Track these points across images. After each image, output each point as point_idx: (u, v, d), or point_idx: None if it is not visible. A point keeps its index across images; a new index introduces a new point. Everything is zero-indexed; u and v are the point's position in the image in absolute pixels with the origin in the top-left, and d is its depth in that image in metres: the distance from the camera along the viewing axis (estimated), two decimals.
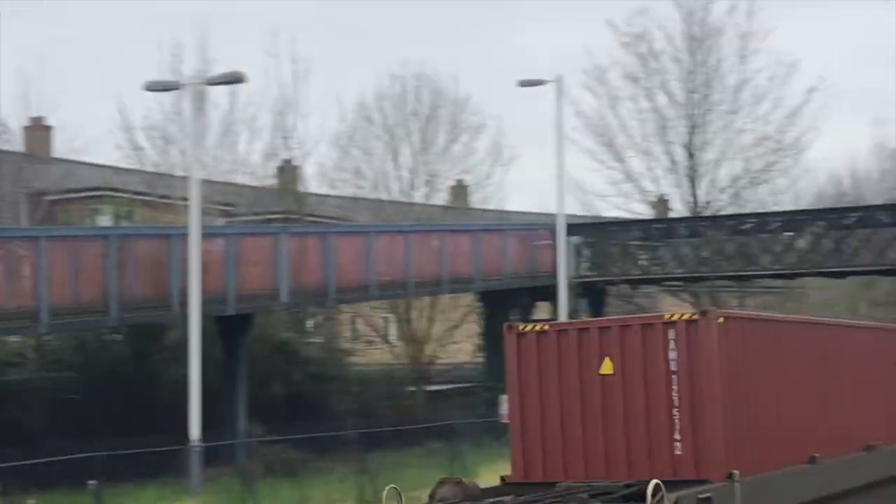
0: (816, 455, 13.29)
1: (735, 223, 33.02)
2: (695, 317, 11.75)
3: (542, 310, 35.00)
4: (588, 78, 37.66)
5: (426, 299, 35.18)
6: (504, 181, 48.34)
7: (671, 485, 10.61)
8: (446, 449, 25.73)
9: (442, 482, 11.62)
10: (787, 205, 38.40)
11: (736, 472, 11.50)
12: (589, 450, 11.93)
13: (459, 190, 40.06)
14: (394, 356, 37.41)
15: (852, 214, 31.84)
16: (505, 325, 12.91)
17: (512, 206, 42.83)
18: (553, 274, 32.32)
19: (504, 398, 23.79)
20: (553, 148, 29.59)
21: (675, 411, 11.62)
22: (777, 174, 36.91)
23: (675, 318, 11.83)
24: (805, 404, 13.50)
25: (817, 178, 66.77)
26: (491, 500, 10.91)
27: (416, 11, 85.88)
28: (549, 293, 32.48)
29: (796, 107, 36.43)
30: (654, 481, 10.36)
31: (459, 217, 36.76)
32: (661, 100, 37.14)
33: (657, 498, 10.19)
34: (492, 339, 33.36)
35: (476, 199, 39.02)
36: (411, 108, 36.86)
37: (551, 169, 32.58)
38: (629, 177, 37.86)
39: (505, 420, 24.04)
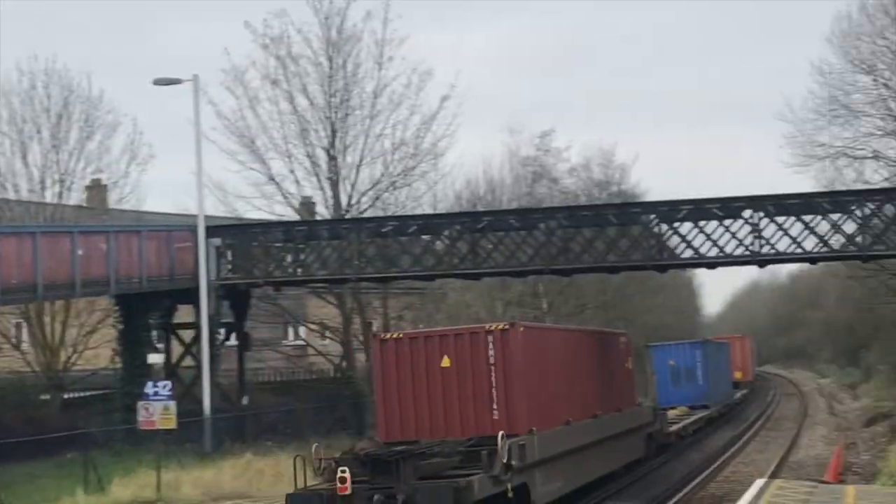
0: (570, 419, 20.44)
1: (376, 226, 33.86)
2: (506, 327, 17.88)
3: (184, 313, 34.45)
4: (227, 78, 37.49)
5: (60, 303, 33.73)
6: (142, 181, 47.18)
7: (494, 438, 16.32)
8: (81, 459, 25.02)
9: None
10: (426, 208, 40.07)
11: (534, 428, 17.90)
12: (434, 418, 17.80)
13: (96, 189, 38.72)
14: (26, 363, 35.93)
15: (485, 218, 33.58)
16: (372, 335, 20.83)
17: (151, 206, 41.95)
18: (194, 276, 31.93)
19: (142, 404, 23.43)
20: (193, 148, 29.25)
21: (493, 390, 17.71)
22: (416, 178, 38.37)
23: (493, 328, 18.00)
24: (564, 385, 20.46)
25: (456, 183, 70.71)
26: (402, 447, 16.25)
27: (49, 6, 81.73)
28: (190, 296, 32.10)
29: (431, 114, 38.12)
30: (501, 432, 16.35)
31: (96, 218, 35.44)
32: (302, 102, 37.58)
33: (503, 442, 15.96)
34: (130, 344, 32.51)
35: (113, 199, 37.83)
36: (41, 104, 35.21)
37: (192, 169, 32.25)
38: (271, 179, 38.07)
39: (144, 427, 23.74)
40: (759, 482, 20.76)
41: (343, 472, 15.03)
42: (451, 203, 46.78)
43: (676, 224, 31.55)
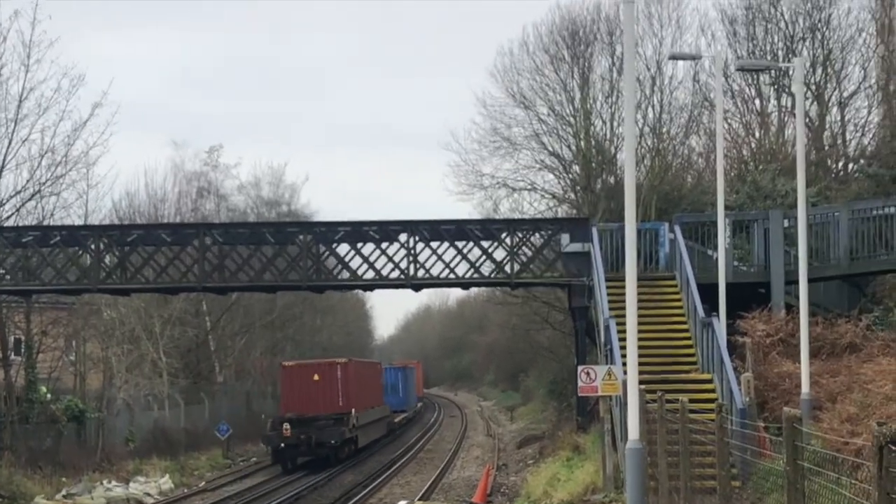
0: (365, 407, 40.87)
1: (15, 235, 31.75)
2: (344, 360, 40.52)
3: None
4: None
5: None
6: None
7: (343, 414, 39.15)
8: None
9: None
10: (76, 220, 37.93)
11: (354, 409, 39.54)
12: (312, 402, 38.60)
13: None
14: None
15: (135, 231, 32.35)
16: (281, 364, 42.66)
17: None
18: None
19: None
20: None
21: (340, 393, 39.23)
22: (65, 187, 36.27)
23: (339, 361, 40.72)
24: (362, 388, 41.54)
25: (114, 195, 68.17)
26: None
27: None
28: None
29: (82, 120, 36.26)
30: (352, 409, 39.42)
31: None
32: None
33: (352, 414, 38.99)
34: None
35: None
36: None
37: None
38: None
39: None
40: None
41: (286, 425, 36.90)
42: (105, 216, 44.69)
43: (334, 245, 31.67)
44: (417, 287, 31.57)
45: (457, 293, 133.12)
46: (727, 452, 10.44)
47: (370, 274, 31.31)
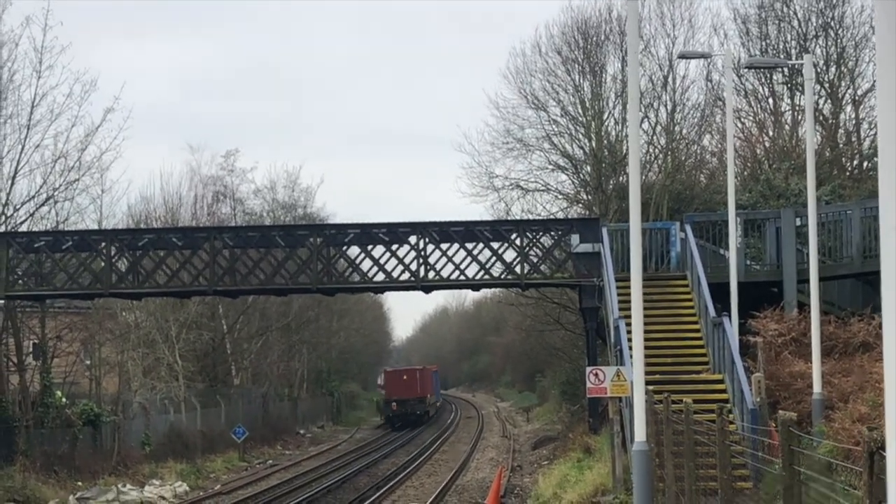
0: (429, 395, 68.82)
1: (27, 240, 31.67)
2: (420, 367, 69.77)
3: None
4: None
5: None
6: None
7: (421, 397, 66.07)
8: None
9: None
10: (90, 224, 37.80)
11: (428, 395, 68.30)
12: (409, 387, 65.87)
13: None
14: None
15: (146, 236, 32.21)
16: (384, 370, 72.91)
17: None
18: None
19: None
20: None
21: (419, 385, 66.25)
22: (79, 192, 36.16)
23: (418, 367, 70.22)
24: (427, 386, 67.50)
25: (130, 200, 68.41)
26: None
27: None
28: None
29: (95, 126, 36.08)
30: (428, 394, 67.60)
31: None
32: None
33: (432, 397, 70.55)
34: None
35: None
36: None
37: None
38: None
39: None
40: None
41: (394, 404, 63.73)
42: (120, 220, 44.68)
43: (344, 247, 31.48)
44: (427, 289, 31.35)
45: (473, 295, 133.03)
46: (728, 455, 10.10)
47: (380, 276, 31.13)
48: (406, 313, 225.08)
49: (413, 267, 30.77)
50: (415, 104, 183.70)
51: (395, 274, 30.95)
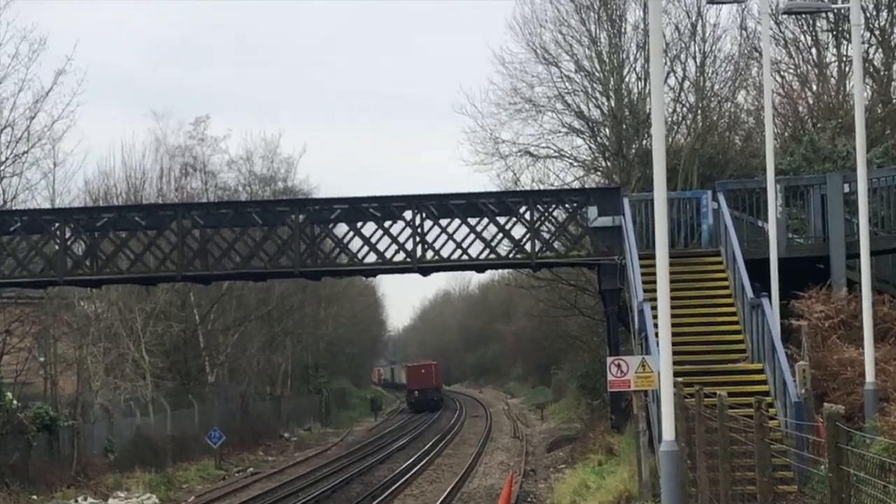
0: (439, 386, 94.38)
1: None
2: (435, 362, 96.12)
3: None
4: None
5: None
6: None
7: (436, 387, 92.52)
8: None
9: None
10: (41, 202, 37.79)
11: (441, 386, 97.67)
12: (425, 382, 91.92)
13: None
14: None
15: (105, 215, 32.13)
16: (406, 365, 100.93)
17: None
18: None
19: None
20: None
21: (434, 377, 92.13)
22: (28, 166, 36.11)
23: (433, 362, 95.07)
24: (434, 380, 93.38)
25: (87, 173, 68.41)
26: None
27: None
28: None
29: (45, 90, 36.00)
30: (441, 384, 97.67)
31: None
32: None
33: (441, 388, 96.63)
34: None
35: None
36: None
37: None
38: None
39: None
40: None
41: (416, 392, 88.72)
42: (76, 198, 44.65)
43: (330, 225, 31.45)
44: (425, 271, 31.34)
45: (478, 277, 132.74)
46: (769, 455, 10.04)
47: (372, 257, 31.15)
48: (402, 299, 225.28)
49: (409, 246, 30.75)
50: (409, 64, 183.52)
51: (388, 254, 30.94)
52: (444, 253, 30.82)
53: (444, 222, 30.91)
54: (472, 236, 30.86)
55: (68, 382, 42.47)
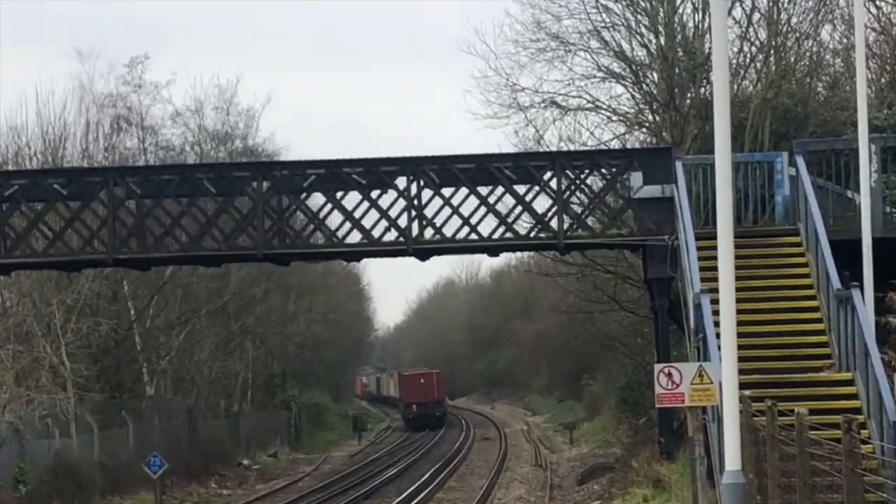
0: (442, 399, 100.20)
1: None
2: (436, 371, 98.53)
3: None
4: None
5: None
6: None
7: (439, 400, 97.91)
8: None
9: None
10: None
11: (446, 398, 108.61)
12: (426, 391, 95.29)
13: None
14: None
15: (15, 182, 32.02)
16: (400, 373, 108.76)
17: None
18: None
19: None
20: None
21: (434, 388, 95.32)
22: None
23: (433, 371, 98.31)
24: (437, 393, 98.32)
25: None
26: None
27: None
28: None
29: None
30: (444, 397, 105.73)
31: None
32: None
33: (445, 400, 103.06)
34: None
35: None
36: None
37: None
38: None
39: None
40: None
41: (414, 406, 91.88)
42: None
43: (303, 195, 31.50)
44: (423, 253, 31.42)
45: (491, 262, 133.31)
46: (861, 486, 10.09)
47: (355, 236, 31.21)
48: (394, 290, 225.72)
49: (402, 222, 30.81)
50: None
51: (376, 233, 31.03)
52: (448, 231, 30.88)
53: (447, 192, 30.89)
54: (483, 210, 30.85)
55: None
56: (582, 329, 62.68)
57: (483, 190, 30.92)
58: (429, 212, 30.92)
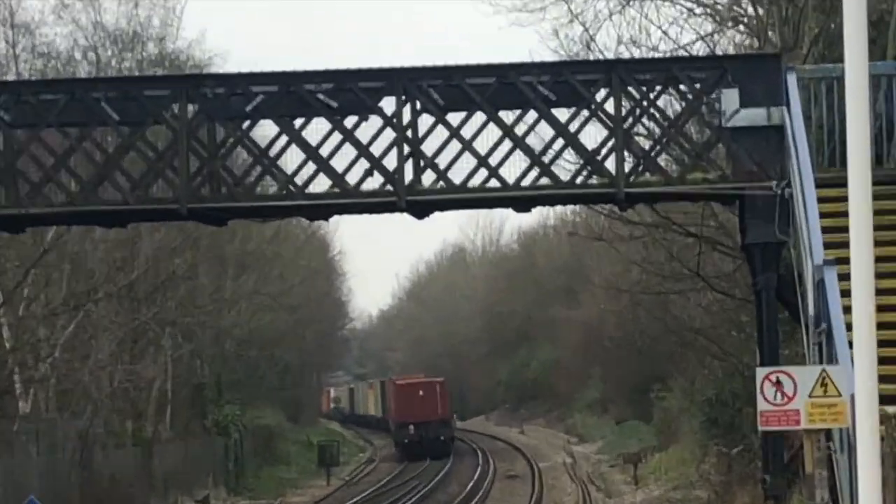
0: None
1: None
2: (441, 380, 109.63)
3: None
4: None
5: None
6: None
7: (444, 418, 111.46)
8: None
9: None
10: None
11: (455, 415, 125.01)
12: (423, 408, 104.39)
13: None
14: None
15: None
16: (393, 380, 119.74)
17: None
18: None
19: None
20: None
21: (438, 404, 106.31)
22: None
23: (437, 379, 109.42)
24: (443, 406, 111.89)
25: None
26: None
27: None
28: None
29: None
30: (454, 414, 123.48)
31: None
32: None
33: (454, 419, 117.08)
34: None
35: None
36: None
37: None
38: None
39: None
40: None
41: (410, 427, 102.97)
42: None
43: (245, 124, 31.64)
44: (420, 208, 31.52)
45: (519, 221, 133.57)
46: None
47: (322, 183, 31.35)
48: (378, 263, 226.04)
49: (390, 163, 30.93)
50: None
51: (351, 179, 31.15)
52: (456, 176, 30.91)
53: (454, 118, 30.96)
54: (508, 145, 30.92)
55: None
56: (651, 318, 62.89)
57: (507, 116, 31.04)
58: (428, 148, 30.98)
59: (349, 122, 31.21)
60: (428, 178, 31.07)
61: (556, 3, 43.00)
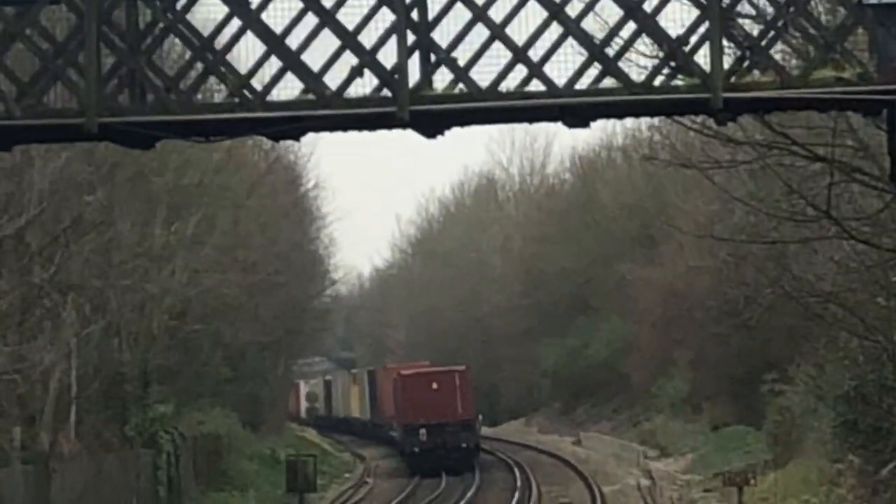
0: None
1: None
2: (462, 369, 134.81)
3: None
4: None
5: None
6: None
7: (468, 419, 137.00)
8: None
9: None
10: None
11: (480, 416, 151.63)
12: (439, 410, 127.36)
13: None
14: None
15: None
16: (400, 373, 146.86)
17: None
18: None
19: None
20: None
21: (458, 403, 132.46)
22: None
23: (456, 369, 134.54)
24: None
25: None
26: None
27: None
28: None
29: None
30: (479, 416, 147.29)
31: None
32: None
33: (478, 421, 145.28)
34: None
35: None
36: None
37: None
38: None
39: None
40: None
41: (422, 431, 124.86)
42: None
43: (181, 4, 31.83)
44: (429, 122, 31.69)
45: (573, 141, 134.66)
46: None
47: (293, 87, 31.49)
48: (370, 202, 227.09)
49: (387, 58, 31.10)
50: None
51: (333, 81, 31.53)
52: (480, 76, 31.14)
53: None
54: (556, 30, 31.11)
55: None
56: (761, 280, 63.11)
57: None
58: (441, 35, 31.21)
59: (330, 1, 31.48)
60: (441, 78, 31.24)
61: None
